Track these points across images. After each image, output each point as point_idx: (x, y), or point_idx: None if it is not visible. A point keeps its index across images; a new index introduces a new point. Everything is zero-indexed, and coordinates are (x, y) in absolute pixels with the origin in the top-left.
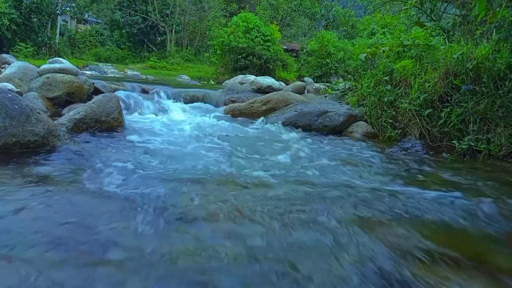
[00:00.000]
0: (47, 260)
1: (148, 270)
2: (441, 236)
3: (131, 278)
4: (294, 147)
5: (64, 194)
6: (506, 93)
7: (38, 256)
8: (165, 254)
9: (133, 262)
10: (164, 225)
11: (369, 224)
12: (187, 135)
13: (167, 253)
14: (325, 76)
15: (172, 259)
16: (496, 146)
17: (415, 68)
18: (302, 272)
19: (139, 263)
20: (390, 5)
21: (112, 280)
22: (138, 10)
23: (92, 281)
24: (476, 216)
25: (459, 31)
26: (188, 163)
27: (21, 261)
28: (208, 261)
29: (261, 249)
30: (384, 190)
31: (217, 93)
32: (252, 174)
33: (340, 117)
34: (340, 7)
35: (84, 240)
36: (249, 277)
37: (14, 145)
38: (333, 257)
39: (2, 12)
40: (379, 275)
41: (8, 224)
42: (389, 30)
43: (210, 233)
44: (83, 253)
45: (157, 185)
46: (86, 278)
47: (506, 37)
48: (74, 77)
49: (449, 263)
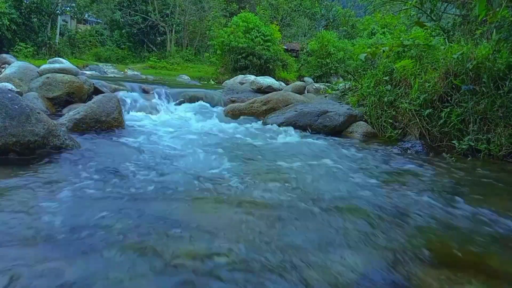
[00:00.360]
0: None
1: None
2: (440, 237)
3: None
4: (293, 147)
5: (64, 194)
6: (506, 93)
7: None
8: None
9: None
10: (158, 229)
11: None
12: (186, 136)
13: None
14: (325, 76)
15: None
16: (496, 146)
17: (415, 68)
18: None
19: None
20: (390, 5)
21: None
22: (138, 10)
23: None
24: (476, 216)
25: (459, 31)
26: (187, 164)
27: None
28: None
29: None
30: (382, 189)
31: (217, 93)
32: (250, 177)
33: (340, 117)
34: (340, 7)
35: (82, 238)
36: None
37: (14, 145)
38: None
39: (2, 12)
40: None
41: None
42: (389, 30)
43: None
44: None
45: (156, 185)
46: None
47: (506, 37)
48: (74, 77)
49: (448, 265)
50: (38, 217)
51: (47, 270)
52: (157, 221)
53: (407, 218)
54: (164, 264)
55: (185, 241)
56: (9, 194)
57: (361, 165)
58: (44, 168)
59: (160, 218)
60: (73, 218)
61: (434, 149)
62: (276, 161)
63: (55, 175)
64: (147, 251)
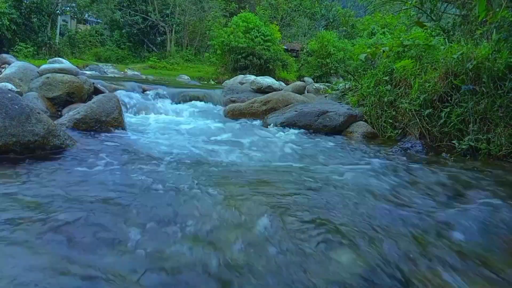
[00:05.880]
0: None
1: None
2: (440, 238)
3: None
4: (293, 147)
5: (64, 194)
6: (506, 93)
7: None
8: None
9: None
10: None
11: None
12: (186, 136)
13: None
14: (325, 76)
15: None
16: (496, 146)
17: (415, 68)
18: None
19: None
20: (390, 5)
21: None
22: (138, 10)
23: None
24: (476, 215)
25: (459, 31)
26: (187, 164)
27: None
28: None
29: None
30: (382, 189)
31: (217, 93)
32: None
33: (340, 117)
34: (340, 7)
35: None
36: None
37: (14, 145)
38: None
39: (2, 12)
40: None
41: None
42: (389, 30)
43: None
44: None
45: (156, 185)
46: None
47: (506, 37)
48: (74, 77)
49: (448, 265)
50: (38, 217)
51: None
52: (160, 222)
53: (407, 218)
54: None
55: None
56: (9, 194)
57: (361, 165)
58: (44, 168)
59: (163, 217)
60: (73, 218)
61: (434, 149)
62: (276, 161)
63: (55, 175)
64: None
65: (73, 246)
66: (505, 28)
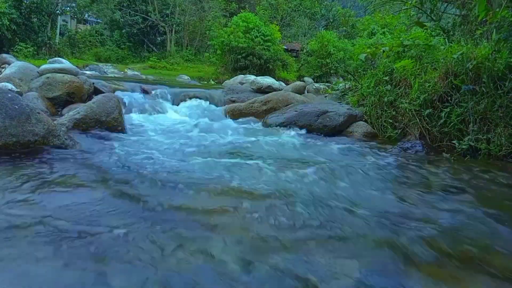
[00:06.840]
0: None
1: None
2: (441, 237)
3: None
4: (293, 147)
5: (64, 194)
6: (506, 93)
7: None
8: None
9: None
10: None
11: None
12: (186, 136)
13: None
14: (325, 76)
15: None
16: (496, 146)
17: (415, 68)
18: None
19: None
20: (390, 5)
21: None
22: (138, 10)
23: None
24: (476, 215)
25: (459, 31)
26: (187, 164)
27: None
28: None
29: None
30: (382, 189)
31: (217, 93)
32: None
33: (340, 117)
34: (340, 7)
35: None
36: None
37: (14, 145)
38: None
39: (2, 12)
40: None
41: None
42: (389, 30)
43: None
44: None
45: (155, 185)
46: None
47: (506, 37)
48: (74, 77)
49: (449, 264)
50: (37, 217)
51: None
52: (158, 220)
53: (407, 217)
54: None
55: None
56: (9, 194)
57: (361, 165)
58: (44, 168)
59: (160, 218)
60: (73, 218)
61: (434, 149)
62: (275, 162)
63: (55, 175)
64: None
65: (73, 246)
66: (505, 28)
